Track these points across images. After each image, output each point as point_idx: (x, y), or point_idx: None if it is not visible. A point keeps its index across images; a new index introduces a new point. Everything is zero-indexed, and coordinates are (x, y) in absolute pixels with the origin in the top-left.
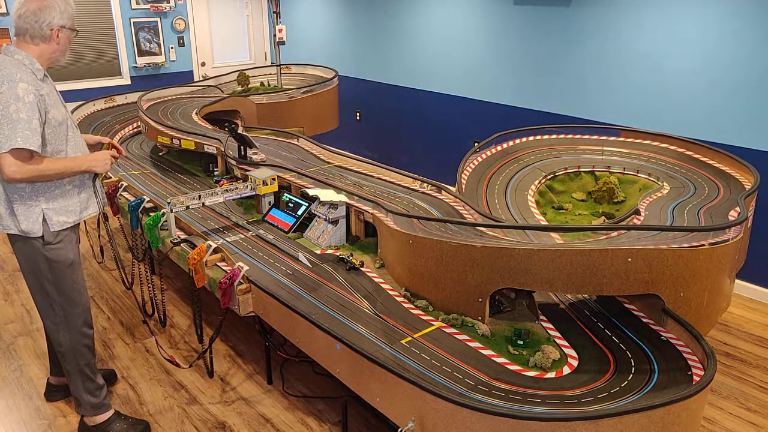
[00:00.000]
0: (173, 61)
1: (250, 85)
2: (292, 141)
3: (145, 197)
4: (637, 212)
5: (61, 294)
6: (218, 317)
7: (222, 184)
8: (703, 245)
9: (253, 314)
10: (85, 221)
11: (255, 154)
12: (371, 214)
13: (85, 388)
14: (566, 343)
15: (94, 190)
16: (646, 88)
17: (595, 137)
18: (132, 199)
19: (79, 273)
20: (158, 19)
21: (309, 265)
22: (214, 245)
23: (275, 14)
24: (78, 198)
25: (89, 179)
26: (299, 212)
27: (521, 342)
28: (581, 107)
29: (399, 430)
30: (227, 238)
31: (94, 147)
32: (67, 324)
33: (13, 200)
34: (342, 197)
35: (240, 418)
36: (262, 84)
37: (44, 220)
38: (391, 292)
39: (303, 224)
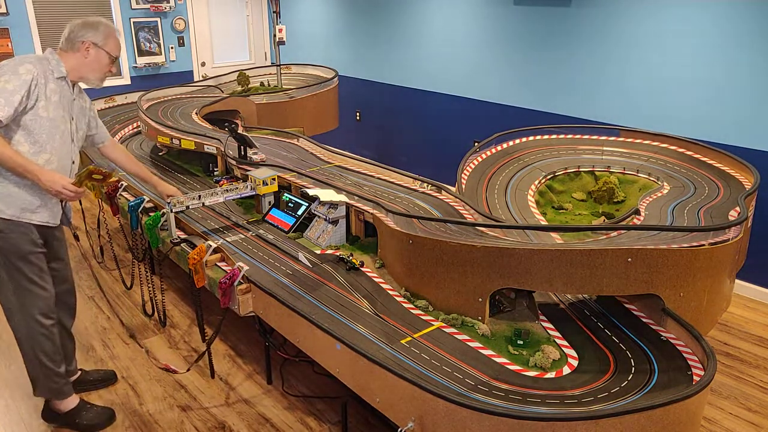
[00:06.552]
0: (173, 61)
1: (250, 85)
2: (292, 141)
3: (145, 197)
4: (637, 212)
5: (12, 281)
6: (218, 317)
7: (222, 184)
8: (703, 245)
9: (253, 314)
10: (84, 221)
11: (255, 154)
12: (371, 214)
13: (44, 374)
14: (566, 343)
15: (62, 204)
16: (646, 88)
17: (595, 137)
18: (132, 199)
19: (35, 268)
20: (158, 19)
21: (309, 265)
22: (214, 245)
23: (275, 14)
24: (23, 195)
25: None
26: (299, 212)
27: (521, 342)
28: (581, 107)
29: (399, 430)
30: (227, 238)
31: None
32: (21, 311)
33: None
34: (342, 197)
35: (240, 418)
36: (262, 84)
37: None
38: (391, 292)
39: (303, 224)
